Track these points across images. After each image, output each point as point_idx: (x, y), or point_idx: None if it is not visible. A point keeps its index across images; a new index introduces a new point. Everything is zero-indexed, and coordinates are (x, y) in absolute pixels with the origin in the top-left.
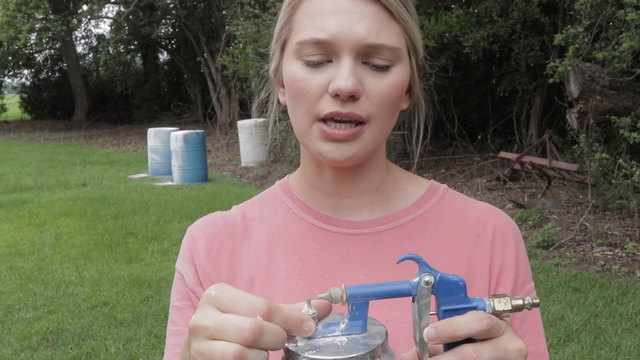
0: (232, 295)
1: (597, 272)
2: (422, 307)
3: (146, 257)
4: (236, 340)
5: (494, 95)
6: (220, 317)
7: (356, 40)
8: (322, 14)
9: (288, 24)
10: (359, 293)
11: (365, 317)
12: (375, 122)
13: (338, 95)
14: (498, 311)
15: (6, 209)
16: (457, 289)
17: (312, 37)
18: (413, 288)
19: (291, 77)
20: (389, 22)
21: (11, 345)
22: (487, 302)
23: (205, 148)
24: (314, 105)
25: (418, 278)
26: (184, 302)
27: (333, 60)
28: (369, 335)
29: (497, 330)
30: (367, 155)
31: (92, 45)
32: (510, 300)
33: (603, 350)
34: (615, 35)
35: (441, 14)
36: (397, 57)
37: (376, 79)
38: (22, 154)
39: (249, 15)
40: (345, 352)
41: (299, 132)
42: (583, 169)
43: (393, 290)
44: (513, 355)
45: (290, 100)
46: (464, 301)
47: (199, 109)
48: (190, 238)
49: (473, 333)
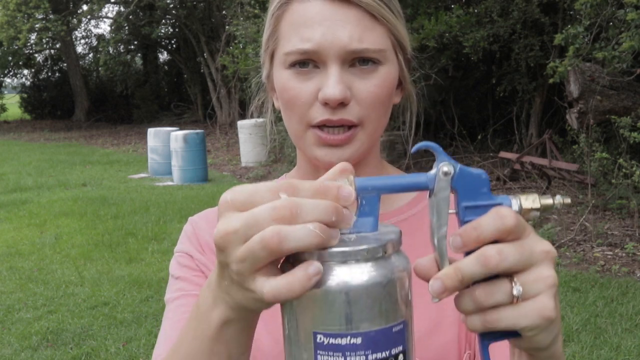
0: (248, 190)
1: (597, 272)
2: (441, 203)
3: (146, 257)
4: (271, 223)
5: (494, 95)
6: (246, 214)
7: (340, 47)
8: (305, 23)
9: (274, 35)
10: (369, 185)
11: (376, 213)
12: (367, 123)
13: (327, 103)
14: (526, 209)
15: (6, 209)
16: (479, 182)
17: (298, 48)
18: (430, 180)
19: (282, 87)
20: (372, 25)
21: (11, 345)
22: (513, 199)
23: (205, 148)
24: (305, 113)
25: (435, 169)
26: (193, 272)
27: (320, 67)
28: (380, 233)
29: (522, 230)
30: (363, 156)
31: (92, 45)
32: (539, 198)
33: (603, 350)
34: (615, 35)
35: (441, 14)
36: (383, 57)
37: (363, 81)
38: (22, 154)
39: (249, 15)
40: (355, 245)
41: (294, 137)
42: (583, 169)
43: (408, 183)
44: (540, 257)
45: (282, 107)
46: (487, 197)
47: (199, 109)
48: (193, 226)
49: (497, 233)
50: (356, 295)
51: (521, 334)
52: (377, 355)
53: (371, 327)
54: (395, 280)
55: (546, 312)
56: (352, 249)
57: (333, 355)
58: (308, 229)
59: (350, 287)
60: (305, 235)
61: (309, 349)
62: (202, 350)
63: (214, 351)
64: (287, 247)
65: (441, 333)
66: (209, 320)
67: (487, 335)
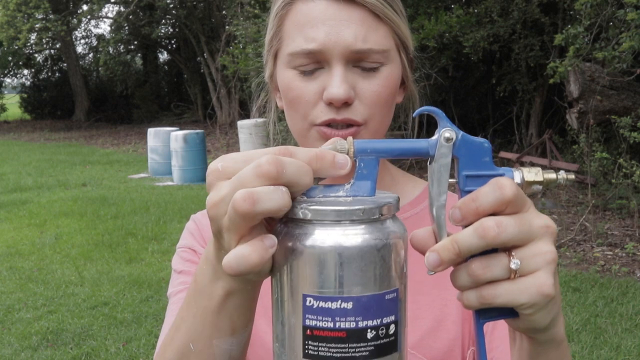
0: (240, 157)
1: (597, 272)
2: (441, 170)
3: (146, 257)
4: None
5: (494, 95)
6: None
7: (345, 47)
8: (310, 23)
9: (278, 35)
10: (368, 147)
11: (374, 177)
12: (371, 122)
13: (332, 103)
14: (528, 182)
15: (6, 209)
16: (481, 151)
17: (302, 49)
18: (431, 146)
19: (286, 86)
20: (376, 25)
21: (11, 345)
22: (516, 171)
23: (205, 148)
24: (309, 113)
25: (437, 135)
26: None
27: (324, 67)
28: (377, 197)
29: (522, 203)
30: None
31: (92, 45)
32: (542, 172)
33: (603, 350)
34: (615, 35)
35: (441, 14)
36: (387, 57)
37: (367, 81)
38: (22, 154)
39: (249, 15)
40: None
41: (297, 136)
42: (583, 169)
43: (409, 147)
44: (540, 231)
45: (286, 107)
46: (489, 167)
47: (199, 109)
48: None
49: (496, 204)
50: (349, 257)
51: (518, 313)
52: (368, 323)
53: (363, 292)
54: (391, 245)
55: (545, 288)
56: (346, 208)
57: (322, 319)
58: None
59: (343, 248)
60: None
61: (297, 313)
62: (205, 325)
63: (218, 325)
64: (261, 209)
65: (445, 330)
66: (212, 293)
67: (483, 312)
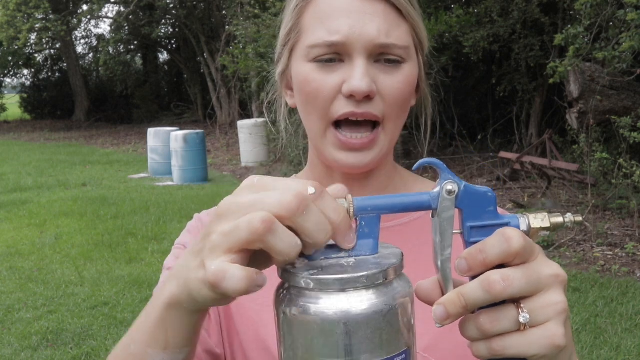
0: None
1: (597, 272)
2: (445, 223)
3: (146, 257)
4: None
5: (494, 95)
6: (259, 194)
7: (368, 41)
8: (332, 15)
9: (296, 28)
10: (368, 205)
11: (376, 235)
12: (389, 121)
13: (353, 95)
14: (534, 229)
15: (6, 209)
16: (485, 201)
17: (325, 40)
18: (433, 199)
19: (304, 79)
20: (399, 21)
21: (11, 345)
22: (521, 218)
23: (205, 148)
24: (328, 107)
25: (439, 187)
26: None
27: (345, 60)
28: (381, 257)
29: (530, 252)
30: (382, 160)
31: (92, 45)
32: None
33: (603, 350)
34: (615, 35)
35: (441, 14)
36: (407, 54)
37: (388, 76)
38: (22, 154)
39: (249, 15)
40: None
41: (313, 137)
42: (583, 169)
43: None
44: (549, 281)
45: (302, 103)
46: (494, 217)
47: (199, 109)
48: (200, 222)
49: (503, 256)
50: (355, 326)
51: None
52: None
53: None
54: (397, 307)
55: (556, 340)
56: (350, 276)
57: None
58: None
59: (349, 316)
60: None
61: None
62: (145, 329)
63: (154, 334)
64: (269, 242)
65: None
66: (159, 298)
67: None
